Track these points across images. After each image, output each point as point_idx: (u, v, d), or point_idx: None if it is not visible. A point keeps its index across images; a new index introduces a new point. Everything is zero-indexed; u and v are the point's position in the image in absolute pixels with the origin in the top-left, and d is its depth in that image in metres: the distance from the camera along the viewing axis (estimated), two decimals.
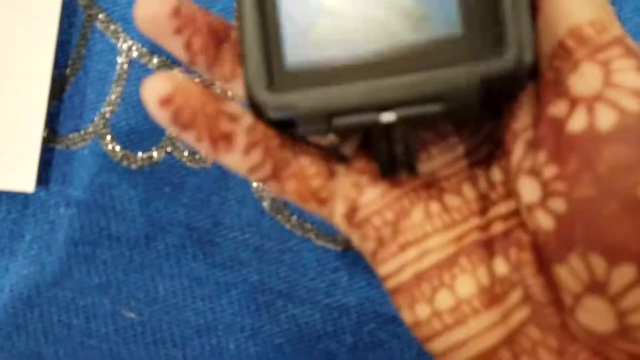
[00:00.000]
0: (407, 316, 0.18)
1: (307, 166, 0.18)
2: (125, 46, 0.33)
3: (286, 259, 0.32)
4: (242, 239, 0.32)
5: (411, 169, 0.18)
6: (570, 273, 0.15)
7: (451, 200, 0.18)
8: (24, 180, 0.30)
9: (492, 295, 0.17)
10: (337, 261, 0.32)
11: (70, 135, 0.32)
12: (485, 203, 0.18)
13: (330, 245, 0.32)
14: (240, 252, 0.32)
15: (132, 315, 0.31)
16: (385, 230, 0.18)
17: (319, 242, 0.32)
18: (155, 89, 0.16)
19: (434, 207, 0.18)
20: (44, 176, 0.32)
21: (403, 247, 0.18)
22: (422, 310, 0.17)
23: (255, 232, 0.32)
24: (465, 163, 0.19)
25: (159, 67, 0.33)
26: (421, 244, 0.18)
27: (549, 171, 0.15)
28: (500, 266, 0.17)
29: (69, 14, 0.33)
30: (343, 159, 0.20)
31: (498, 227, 0.18)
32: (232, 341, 0.31)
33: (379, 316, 0.31)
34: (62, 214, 0.31)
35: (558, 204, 0.15)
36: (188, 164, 0.32)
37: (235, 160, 0.17)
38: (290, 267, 0.31)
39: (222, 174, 0.32)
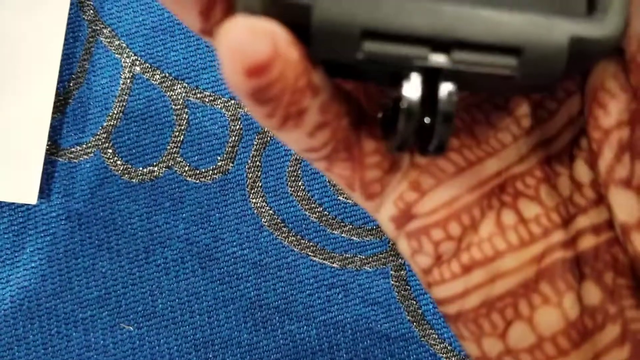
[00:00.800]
0: (471, 350, 0.14)
1: (370, 154, 0.14)
2: (128, 61, 0.33)
3: (284, 275, 0.32)
4: (241, 254, 0.32)
5: (440, 149, 0.13)
6: None
7: (527, 208, 0.14)
8: (27, 192, 0.31)
9: (582, 331, 0.13)
10: (334, 278, 0.32)
11: (73, 149, 0.33)
12: (569, 211, 0.14)
13: (327, 262, 0.32)
14: (238, 268, 0.32)
15: (130, 328, 0.31)
16: (446, 245, 0.14)
17: (316, 259, 0.32)
18: (246, 47, 0.10)
19: (508, 217, 0.14)
20: (45, 189, 0.32)
21: (468, 268, 0.14)
22: (492, 347, 0.14)
23: (254, 247, 0.32)
24: (541, 155, 0.15)
25: (162, 82, 0.33)
26: (492, 264, 0.14)
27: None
28: (592, 294, 0.13)
29: (73, 28, 0.33)
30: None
31: (587, 243, 0.14)
32: (229, 356, 0.31)
33: (374, 333, 0.31)
34: (63, 226, 0.32)
35: None
36: (189, 179, 0.32)
37: (294, 138, 0.13)
38: (287, 283, 0.32)
39: (222, 190, 0.32)
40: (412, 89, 0.12)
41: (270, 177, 0.33)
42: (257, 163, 0.33)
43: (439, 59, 0.11)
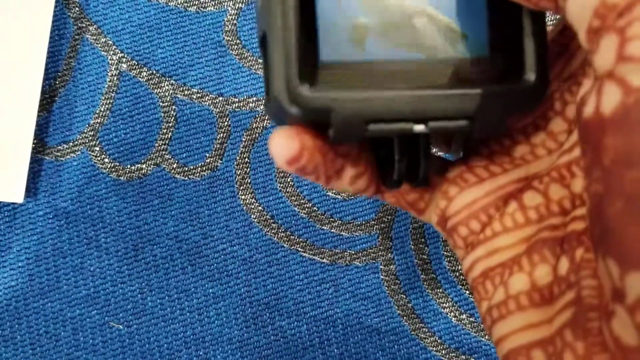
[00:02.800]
0: (479, 310, 0.18)
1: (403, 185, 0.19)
2: (115, 58, 0.33)
3: (274, 271, 0.32)
4: (231, 251, 0.32)
5: (424, 182, 0.19)
6: (603, 277, 0.14)
7: (531, 199, 0.18)
8: (13, 190, 0.30)
9: (548, 296, 0.16)
10: (324, 273, 0.32)
11: (60, 147, 0.32)
12: (574, 204, 0.17)
13: (317, 258, 0.32)
14: (228, 264, 0.32)
15: (120, 326, 0.31)
16: (471, 238, 0.18)
17: (306, 255, 0.32)
18: (283, 149, 0.17)
19: (511, 206, 0.18)
20: (32, 187, 0.32)
21: (474, 246, 0.18)
22: (483, 307, 0.18)
23: (244, 244, 0.32)
24: (565, 160, 0.18)
25: (149, 79, 0.33)
26: (490, 242, 0.18)
27: (583, 164, 0.15)
28: (563, 266, 0.16)
29: (59, 25, 0.33)
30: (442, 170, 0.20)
31: (576, 226, 0.16)
32: (220, 353, 0.31)
33: (364, 328, 0.32)
34: (51, 225, 0.32)
35: (588, 201, 0.14)
36: (177, 176, 0.32)
37: (342, 188, 0.19)
38: (277, 279, 0.32)
39: (210, 187, 0.32)
40: (401, 148, 0.18)
41: (259, 174, 0.33)
42: (246, 160, 0.33)
43: (419, 127, 0.17)
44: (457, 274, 0.32)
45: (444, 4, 0.17)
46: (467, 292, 0.32)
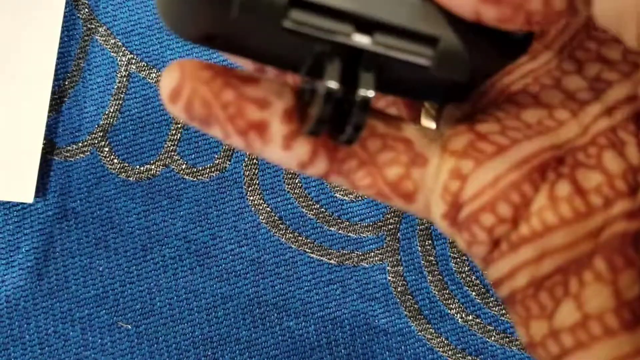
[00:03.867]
0: (520, 336, 0.13)
1: (379, 152, 0.14)
2: (124, 59, 0.33)
3: (282, 272, 0.32)
4: (239, 252, 0.32)
5: (353, 139, 0.13)
6: None
7: (587, 178, 0.13)
8: (23, 191, 0.30)
9: (638, 312, 0.12)
10: (331, 274, 0.32)
11: (69, 147, 0.32)
12: (638, 179, 0.13)
13: (325, 259, 0.32)
14: (236, 265, 0.32)
15: (128, 327, 0.31)
16: (501, 229, 0.13)
17: (314, 255, 0.32)
18: (166, 82, 0.13)
19: (562, 189, 0.13)
20: (41, 188, 0.32)
21: (516, 246, 0.13)
22: (538, 329, 0.13)
23: (252, 245, 0.32)
24: (605, 125, 0.13)
25: (158, 80, 0.33)
26: (540, 240, 0.13)
27: None
28: None
29: (68, 26, 0.33)
30: (434, 138, 0.14)
31: None
32: (228, 353, 0.31)
33: (372, 329, 0.32)
34: (59, 225, 0.32)
35: None
36: (186, 177, 0.33)
37: (278, 155, 0.13)
38: (285, 280, 0.32)
39: (219, 188, 0.33)
40: (332, 73, 0.12)
41: (267, 175, 0.33)
42: (254, 160, 0.33)
43: (362, 39, 0.12)
44: (464, 276, 0.33)
45: None
46: (474, 293, 0.32)
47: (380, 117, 0.14)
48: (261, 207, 0.33)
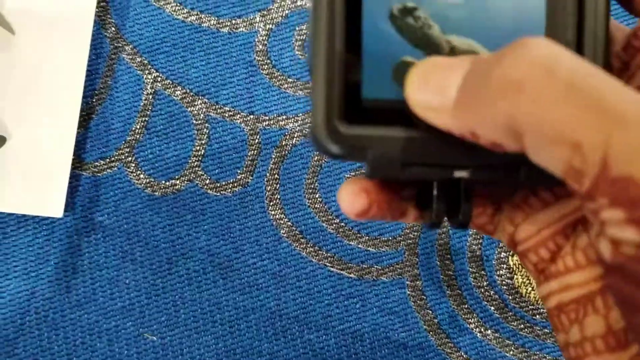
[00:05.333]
0: (558, 339, 0.18)
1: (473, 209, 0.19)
2: (150, 77, 0.34)
3: (302, 285, 0.33)
4: (261, 265, 0.33)
5: (463, 226, 0.17)
6: None
7: None
8: (53, 206, 0.31)
9: (623, 341, 0.16)
10: (351, 288, 0.33)
11: (96, 163, 0.33)
12: None
13: (345, 272, 0.33)
14: (258, 278, 0.33)
15: (154, 338, 0.32)
16: (541, 265, 0.18)
17: (334, 269, 0.33)
18: (352, 205, 0.17)
19: (582, 240, 0.17)
20: (70, 202, 0.33)
21: (548, 278, 0.18)
22: (560, 339, 0.18)
23: (273, 258, 0.33)
24: None
25: (183, 98, 0.34)
26: (563, 278, 0.17)
27: None
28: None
29: (95, 45, 0.34)
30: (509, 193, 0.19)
31: None
32: None
33: (391, 342, 0.32)
34: (87, 238, 0.33)
35: None
36: (209, 192, 0.33)
37: (409, 222, 0.19)
38: (306, 293, 0.33)
39: (242, 202, 0.33)
40: (441, 191, 0.17)
41: (288, 190, 0.34)
42: (276, 176, 0.34)
43: (461, 173, 0.16)
44: (482, 290, 0.33)
45: (492, 40, 0.16)
46: (493, 308, 0.33)
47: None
48: (282, 222, 0.33)
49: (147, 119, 0.34)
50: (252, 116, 0.34)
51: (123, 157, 0.33)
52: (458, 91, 0.14)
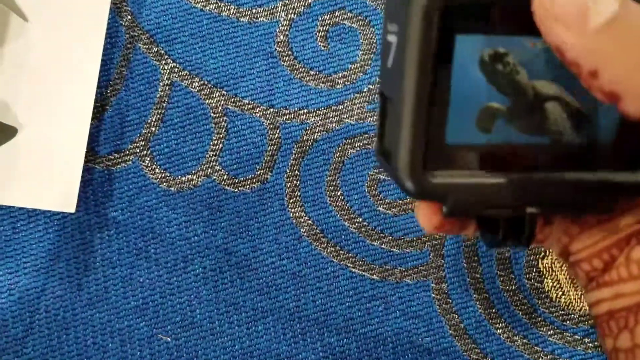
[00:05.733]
0: (605, 345, 0.19)
1: None
2: (167, 68, 0.33)
3: (323, 286, 0.31)
4: (280, 265, 0.32)
5: (525, 247, 0.19)
6: None
7: None
8: (66, 200, 0.30)
9: None
10: (374, 290, 0.31)
11: (110, 156, 0.32)
12: None
13: (367, 274, 0.32)
14: (277, 278, 0.31)
15: (168, 339, 0.31)
16: (593, 273, 0.19)
17: (356, 270, 0.32)
18: (429, 222, 0.19)
19: (636, 253, 0.18)
20: (82, 197, 0.32)
21: (600, 286, 0.19)
22: (607, 344, 0.19)
23: (293, 258, 0.32)
24: None
25: (200, 89, 0.33)
26: (616, 286, 0.18)
27: None
28: None
29: (111, 34, 0.33)
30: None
31: None
32: None
33: (415, 347, 0.31)
34: (100, 235, 0.31)
35: None
36: (227, 188, 0.32)
37: (469, 235, 0.21)
38: (326, 295, 0.31)
39: (260, 199, 0.32)
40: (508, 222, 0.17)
41: (309, 187, 0.32)
42: (296, 172, 0.32)
43: (532, 210, 0.17)
44: (511, 294, 0.32)
45: (576, 88, 0.17)
46: (521, 313, 0.31)
47: None
48: (302, 220, 0.32)
49: (163, 111, 0.32)
50: (272, 109, 0.33)
51: (138, 151, 0.32)
52: (605, 22, 0.14)
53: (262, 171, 0.32)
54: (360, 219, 0.32)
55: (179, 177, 0.32)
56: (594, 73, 0.14)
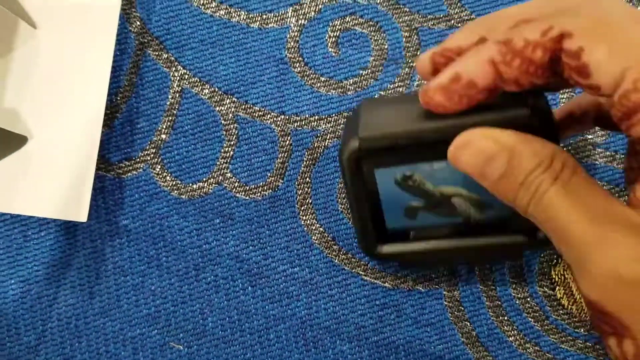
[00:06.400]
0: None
1: None
2: (177, 75, 0.33)
3: (335, 294, 0.31)
4: (291, 273, 0.31)
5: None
6: None
7: None
8: (77, 210, 0.30)
9: None
10: (386, 298, 0.31)
11: (121, 164, 0.32)
12: None
13: (379, 282, 0.32)
14: (289, 286, 0.31)
15: (180, 347, 0.31)
16: None
17: (368, 278, 0.32)
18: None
19: None
20: (93, 205, 0.31)
21: None
22: (613, 346, 0.19)
23: (304, 265, 0.32)
24: None
25: (211, 96, 0.32)
26: None
27: None
28: None
29: (120, 40, 0.33)
30: None
31: None
32: None
33: (427, 356, 0.31)
34: (111, 243, 0.31)
35: None
36: (238, 195, 0.32)
37: None
38: (338, 303, 0.31)
39: (271, 207, 0.32)
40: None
41: (320, 194, 0.32)
42: (307, 179, 0.32)
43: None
44: (523, 301, 0.31)
45: (472, 186, 0.24)
46: (533, 320, 0.31)
47: None
48: (314, 227, 0.32)
49: (173, 118, 0.32)
50: (282, 116, 0.32)
51: (149, 158, 0.32)
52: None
53: (273, 178, 0.32)
54: None
55: (190, 184, 0.32)
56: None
